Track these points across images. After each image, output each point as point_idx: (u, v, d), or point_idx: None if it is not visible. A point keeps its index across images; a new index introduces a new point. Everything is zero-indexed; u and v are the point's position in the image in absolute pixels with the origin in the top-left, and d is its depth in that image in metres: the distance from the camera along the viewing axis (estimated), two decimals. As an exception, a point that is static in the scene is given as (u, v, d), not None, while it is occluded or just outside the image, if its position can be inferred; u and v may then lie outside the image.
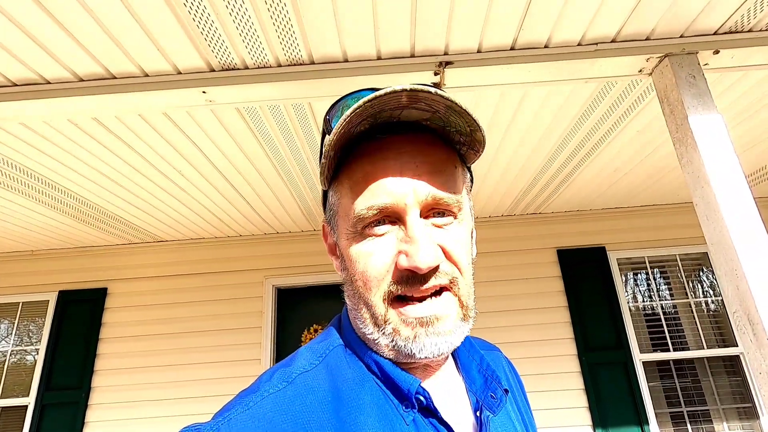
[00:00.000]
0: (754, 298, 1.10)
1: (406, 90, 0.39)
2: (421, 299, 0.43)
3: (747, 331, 1.13)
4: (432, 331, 0.42)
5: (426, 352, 0.42)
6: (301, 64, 1.40)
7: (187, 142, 2.01)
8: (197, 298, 3.49)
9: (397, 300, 0.43)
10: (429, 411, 0.44)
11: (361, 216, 0.43)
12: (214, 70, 1.41)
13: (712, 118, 1.29)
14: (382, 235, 0.43)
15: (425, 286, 0.42)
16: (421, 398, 0.43)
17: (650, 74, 1.46)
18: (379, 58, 1.41)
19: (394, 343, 0.43)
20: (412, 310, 0.42)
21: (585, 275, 3.41)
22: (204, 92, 1.43)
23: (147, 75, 1.43)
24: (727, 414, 3.15)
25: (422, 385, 0.44)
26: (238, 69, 1.40)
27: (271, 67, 1.40)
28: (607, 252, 3.47)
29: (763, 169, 2.93)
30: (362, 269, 0.43)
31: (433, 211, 0.44)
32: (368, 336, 0.45)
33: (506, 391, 0.51)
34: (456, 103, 0.41)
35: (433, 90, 0.39)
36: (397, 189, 0.42)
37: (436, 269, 0.42)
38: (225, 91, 1.42)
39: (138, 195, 2.57)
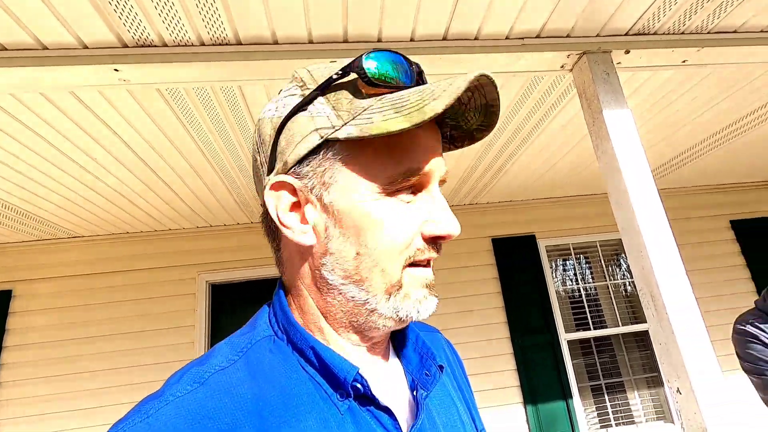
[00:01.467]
0: (656, 277, 1.22)
1: (490, 80, 0.41)
2: (426, 263, 0.45)
3: (650, 306, 1.24)
4: (432, 293, 0.45)
5: (425, 312, 0.44)
6: (226, 44, 1.31)
7: (101, 126, 1.83)
8: (121, 297, 3.23)
9: (410, 265, 0.44)
10: (366, 398, 0.42)
11: (401, 178, 0.41)
12: (127, 46, 1.29)
13: (623, 113, 1.40)
14: (409, 202, 0.43)
15: (437, 255, 0.45)
16: (358, 386, 0.41)
17: (571, 70, 1.55)
18: (310, 42, 1.36)
19: (396, 309, 0.43)
20: (424, 272, 0.44)
21: (517, 262, 3.60)
22: (116, 70, 1.30)
23: (46, 48, 1.27)
24: (638, 384, 3.50)
25: (363, 369, 0.43)
26: (155, 46, 1.29)
27: (192, 45, 1.30)
28: (537, 240, 3.68)
29: (667, 163, 3.25)
30: (392, 233, 0.42)
31: None
32: (360, 307, 0.43)
33: (441, 367, 0.50)
34: (497, 105, 0.44)
35: (497, 87, 0.42)
36: (436, 159, 0.44)
37: None
38: (141, 69, 1.30)
39: (45, 185, 2.31)
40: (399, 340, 0.53)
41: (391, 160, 0.41)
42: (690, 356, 1.14)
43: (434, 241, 0.44)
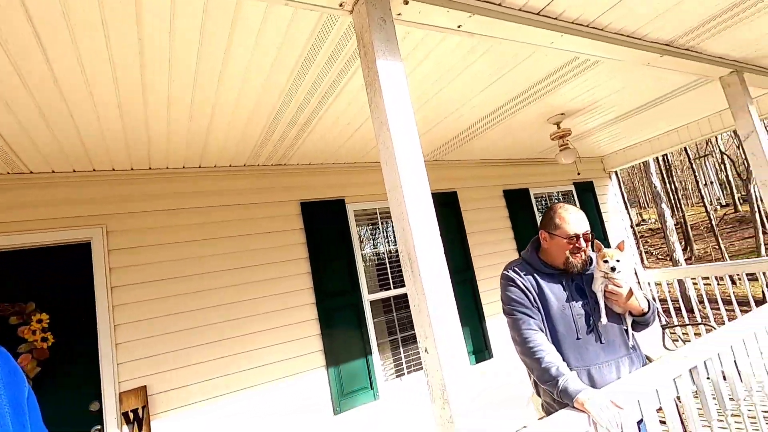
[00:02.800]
0: (414, 239, 1.18)
1: None
2: None
3: (408, 268, 1.21)
4: None
5: None
6: None
7: None
8: None
9: None
10: None
11: None
12: None
13: (396, 65, 1.31)
14: None
15: None
16: None
17: (351, 12, 1.39)
18: None
19: None
20: None
21: (326, 227, 3.53)
22: None
23: None
24: (427, 333, 3.92)
25: None
26: None
27: None
28: (346, 204, 3.67)
29: (455, 138, 3.56)
30: None
31: None
32: None
33: None
34: None
35: None
36: None
37: None
38: None
39: None
40: None
41: None
42: (437, 319, 1.15)
43: None
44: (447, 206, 4.16)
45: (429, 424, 3.46)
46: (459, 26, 1.59)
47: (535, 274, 1.83)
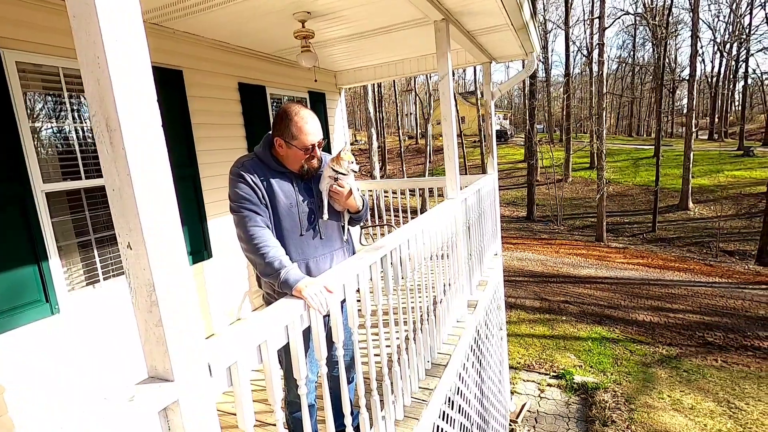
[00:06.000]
0: (116, 98, 0.85)
1: None
2: None
3: (105, 140, 0.88)
4: None
5: None
6: None
7: None
8: None
9: None
10: None
11: None
12: None
13: None
14: None
15: None
16: None
17: None
18: None
19: None
20: None
21: (-41, 77, 2.30)
22: None
23: None
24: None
25: None
26: None
27: None
28: (2, 51, 2.47)
29: (162, 9, 2.89)
30: None
31: None
32: None
33: None
34: None
35: None
36: None
37: None
38: None
39: None
40: None
41: None
42: (147, 205, 0.90)
43: None
44: (169, 86, 3.45)
45: (132, 334, 3.09)
46: None
47: (267, 172, 1.77)
